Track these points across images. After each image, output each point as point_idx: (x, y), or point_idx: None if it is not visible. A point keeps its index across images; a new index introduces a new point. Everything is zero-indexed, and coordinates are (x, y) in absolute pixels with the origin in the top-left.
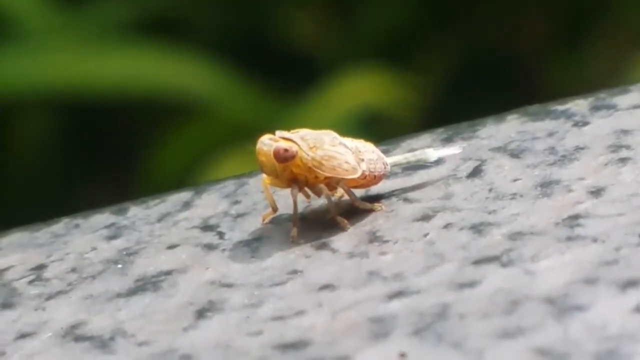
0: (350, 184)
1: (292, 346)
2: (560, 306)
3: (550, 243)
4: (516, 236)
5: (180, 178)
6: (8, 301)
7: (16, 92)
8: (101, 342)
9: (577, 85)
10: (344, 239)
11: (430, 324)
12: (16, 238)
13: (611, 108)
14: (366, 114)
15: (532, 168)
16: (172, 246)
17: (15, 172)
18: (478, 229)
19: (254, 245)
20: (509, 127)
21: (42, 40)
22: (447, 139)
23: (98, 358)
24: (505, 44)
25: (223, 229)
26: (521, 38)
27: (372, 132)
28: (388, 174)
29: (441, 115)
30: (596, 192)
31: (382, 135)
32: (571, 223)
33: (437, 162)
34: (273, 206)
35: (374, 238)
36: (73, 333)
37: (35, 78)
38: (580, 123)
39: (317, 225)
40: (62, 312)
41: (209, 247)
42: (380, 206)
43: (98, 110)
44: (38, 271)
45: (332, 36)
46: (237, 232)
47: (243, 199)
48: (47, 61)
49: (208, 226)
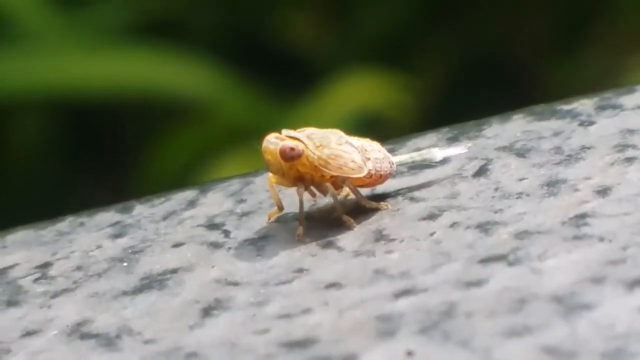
0: (356, 183)
1: (299, 344)
2: (567, 305)
3: (557, 242)
4: (523, 235)
5: (178, 179)
6: (13, 299)
7: (14, 93)
8: (107, 340)
9: (575, 87)
10: (350, 238)
11: (437, 323)
12: (21, 236)
13: (617, 108)
14: (364, 116)
15: (538, 167)
16: (178, 244)
17: (13, 173)
18: (484, 228)
19: (260, 243)
20: (515, 127)
21: (41, 41)
22: (453, 138)
23: (104, 356)
24: (503, 46)
25: (228, 228)
26: (519, 40)
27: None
28: (394, 173)
29: (439, 117)
30: (602, 192)
31: (380, 137)
32: (578, 222)
33: (443, 162)
34: (279, 205)
35: (380, 237)
36: (79, 331)
37: (33, 79)
38: (586, 123)
39: (323, 223)
40: (68, 310)
41: (215, 246)
42: (386, 205)
43: (96, 111)
44: (43, 269)
45: (330, 38)
46: (243, 231)
47: (248, 198)
48: (46, 62)
49: (213, 225)
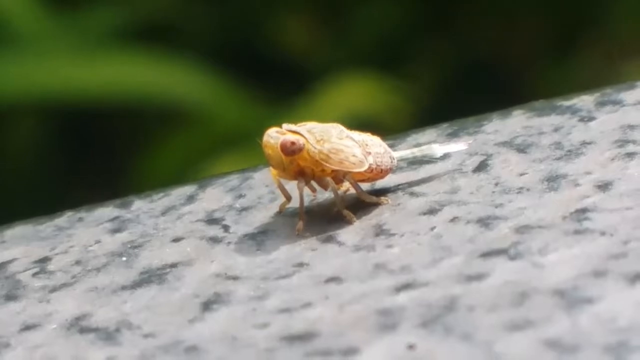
0: (356, 178)
1: (299, 338)
2: (569, 299)
3: (558, 236)
4: (523, 230)
5: (172, 183)
6: (12, 293)
7: (8, 97)
8: (106, 334)
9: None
10: (350, 232)
11: (438, 316)
12: (19, 231)
13: (617, 103)
14: (358, 121)
15: (539, 162)
16: (177, 239)
17: (7, 177)
18: (485, 223)
19: (260, 238)
20: (515, 122)
21: (35, 45)
22: (453, 134)
23: (103, 350)
24: (497, 51)
25: (228, 222)
26: (513, 45)
27: None
28: (394, 168)
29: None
30: (603, 186)
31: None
32: (579, 217)
33: (443, 157)
34: (287, 195)
35: (381, 231)
36: (78, 325)
37: (27, 83)
38: (586, 118)
39: (323, 218)
40: (67, 304)
41: (214, 240)
42: (386, 199)
43: (90, 115)
44: (42, 264)
45: (324, 43)
46: (242, 226)
47: (248, 193)
48: (39, 66)
49: (213, 219)
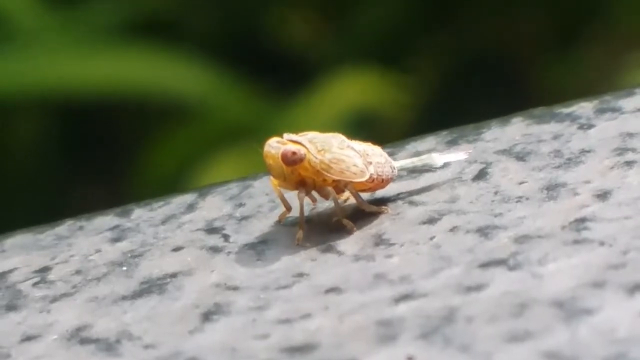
0: (357, 188)
1: (299, 349)
2: (568, 309)
3: (557, 246)
4: (523, 239)
5: (174, 178)
6: (12, 303)
7: (9, 93)
8: (107, 345)
9: (571, 85)
10: (350, 242)
11: (437, 327)
12: (19, 240)
13: (616, 111)
14: (359, 115)
15: (538, 171)
16: (177, 248)
17: (8, 173)
18: (484, 232)
19: (260, 248)
20: (514, 130)
21: (35, 41)
22: (452, 142)
23: None
24: (497, 46)
25: (228, 232)
26: (513, 40)
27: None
28: (395, 178)
29: (435, 116)
30: (602, 195)
31: (377, 136)
32: (578, 226)
33: (442, 166)
34: (287, 205)
35: (380, 241)
36: (78, 336)
37: (28, 79)
38: (585, 126)
39: (324, 228)
40: (67, 315)
41: (214, 250)
42: (386, 208)
43: (91, 110)
44: (42, 273)
45: (326, 37)
46: (242, 235)
47: (247, 202)
48: (40, 62)
49: (213, 229)
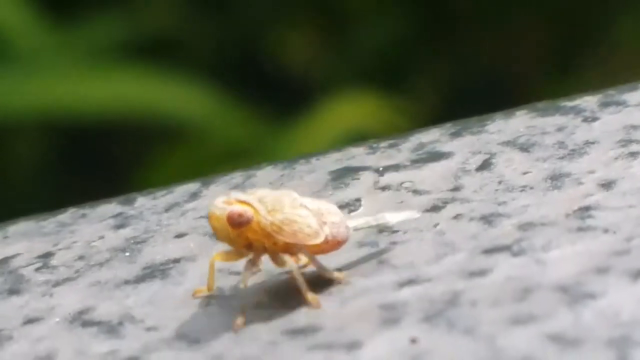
0: (310, 250)
1: (302, 331)
2: (572, 294)
3: (561, 233)
4: (527, 227)
5: None
6: (15, 287)
7: (8, 113)
8: (109, 327)
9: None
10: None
11: (441, 311)
12: (22, 227)
13: (620, 104)
14: (358, 138)
15: (542, 161)
16: (180, 235)
17: (7, 192)
18: (488, 220)
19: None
20: (518, 122)
21: (35, 60)
22: (456, 134)
23: (106, 342)
24: (497, 67)
25: None
26: (514, 61)
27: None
28: (349, 239)
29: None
30: (606, 185)
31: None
32: (582, 214)
33: (446, 156)
34: (210, 286)
35: (384, 228)
36: (81, 318)
37: (28, 99)
38: (589, 119)
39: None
40: (70, 299)
41: None
42: (342, 275)
43: (90, 131)
44: (45, 259)
45: (325, 59)
46: None
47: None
48: (40, 82)
49: None
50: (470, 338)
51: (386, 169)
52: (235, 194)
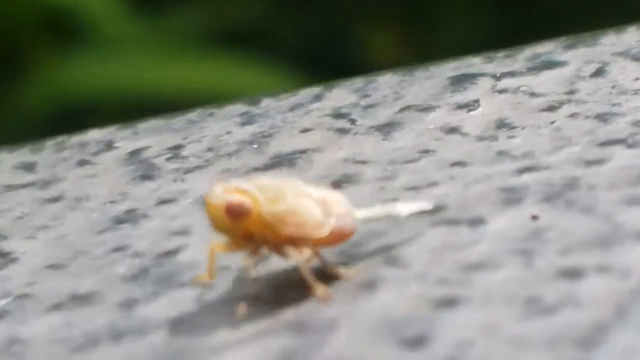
0: (315, 243)
1: (427, 211)
2: None
3: None
4: None
5: None
6: (148, 174)
7: (92, 97)
8: None
9: None
10: (472, 124)
11: (560, 193)
12: (152, 124)
13: None
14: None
15: None
16: (306, 130)
17: None
18: (603, 118)
19: (385, 129)
20: (630, 37)
21: (120, 47)
22: (570, 46)
23: None
24: None
25: (354, 117)
26: None
27: None
28: (356, 231)
29: None
30: None
31: None
32: None
33: (561, 64)
34: (211, 274)
35: (502, 124)
36: None
37: (112, 84)
38: None
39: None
40: (201, 184)
41: (342, 131)
42: (351, 272)
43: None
44: (175, 150)
45: (410, 59)
46: (369, 120)
47: (373, 93)
48: (124, 68)
49: (340, 114)
50: (589, 216)
51: (503, 75)
52: (236, 182)
